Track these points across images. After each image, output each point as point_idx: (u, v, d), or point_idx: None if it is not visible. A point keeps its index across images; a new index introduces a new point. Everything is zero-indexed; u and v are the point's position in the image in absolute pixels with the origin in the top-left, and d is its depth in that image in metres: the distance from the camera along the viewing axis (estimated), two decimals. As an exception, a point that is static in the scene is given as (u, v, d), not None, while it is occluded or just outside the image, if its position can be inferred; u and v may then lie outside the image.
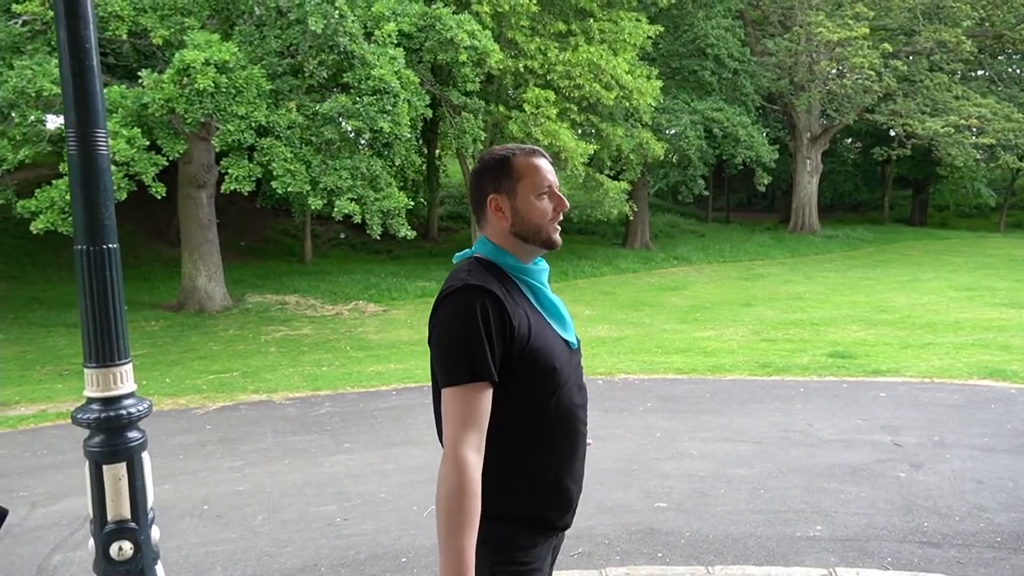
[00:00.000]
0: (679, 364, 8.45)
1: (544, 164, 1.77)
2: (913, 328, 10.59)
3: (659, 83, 18.03)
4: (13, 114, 8.98)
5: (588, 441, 1.86)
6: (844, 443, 5.36)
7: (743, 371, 7.95)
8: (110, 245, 2.05)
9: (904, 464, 4.90)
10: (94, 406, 2.11)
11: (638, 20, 18.14)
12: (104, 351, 2.05)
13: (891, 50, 22.82)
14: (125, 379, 2.08)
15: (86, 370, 2.10)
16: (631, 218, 21.14)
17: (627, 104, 17.30)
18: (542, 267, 1.79)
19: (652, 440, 5.57)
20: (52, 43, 9.50)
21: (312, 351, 10.37)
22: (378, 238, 11.50)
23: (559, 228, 1.78)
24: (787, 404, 6.51)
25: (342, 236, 21.99)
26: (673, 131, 20.91)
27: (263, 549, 3.93)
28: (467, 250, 1.79)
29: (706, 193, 25.52)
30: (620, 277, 18.34)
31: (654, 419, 6.15)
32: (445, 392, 1.59)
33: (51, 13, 9.07)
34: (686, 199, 24.20)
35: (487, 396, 1.58)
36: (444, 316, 1.61)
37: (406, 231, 11.14)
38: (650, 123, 18.80)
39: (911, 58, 24.92)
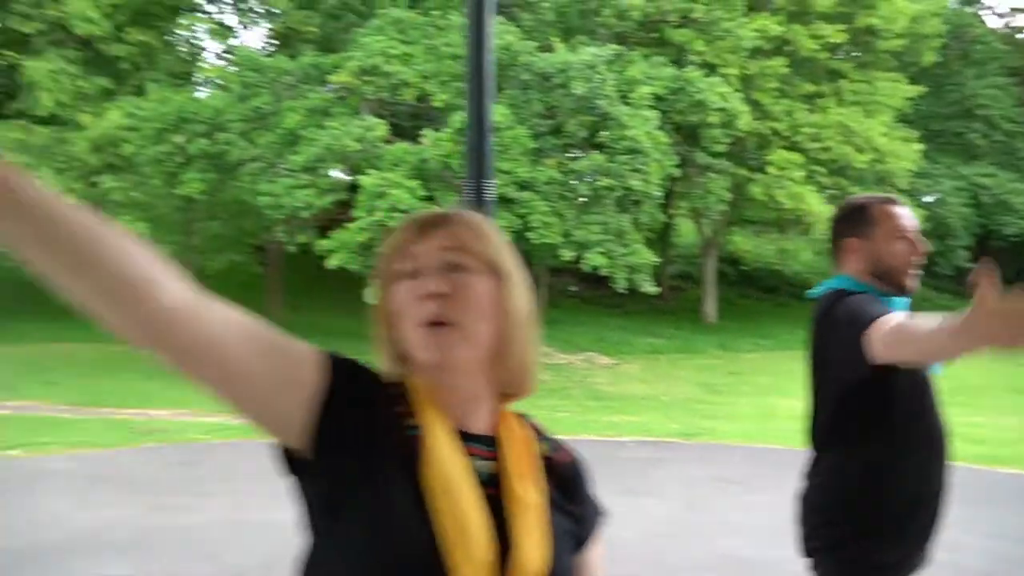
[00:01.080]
0: (944, 449, 7.72)
1: (900, 211, 1.87)
2: None
3: (919, 146, 16.88)
4: (320, 167, 10.60)
5: None
6: None
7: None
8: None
9: None
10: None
11: (896, 81, 17.22)
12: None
13: None
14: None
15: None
16: (880, 288, 19.71)
17: (880, 167, 16.36)
18: (900, 299, 1.87)
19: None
20: (353, 106, 11.10)
21: (547, 397, 10.79)
22: (623, 292, 11.86)
23: (917, 275, 1.86)
24: (1086, 507, 5.74)
25: (571, 289, 22.63)
26: (932, 197, 19.35)
27: None
28: (824, 284, 1.92)
29: (968, 265, 23.11)
30: (865, 350, 17.07)
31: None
32: (875, 325, 1.63)
33: (356, 81, 10.62)
34: (943, 271, 22.08)
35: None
36: (847, 307, 1.74)
37: (649, 286, 11.41)
38: (907, 188, 17.59)
39: None
